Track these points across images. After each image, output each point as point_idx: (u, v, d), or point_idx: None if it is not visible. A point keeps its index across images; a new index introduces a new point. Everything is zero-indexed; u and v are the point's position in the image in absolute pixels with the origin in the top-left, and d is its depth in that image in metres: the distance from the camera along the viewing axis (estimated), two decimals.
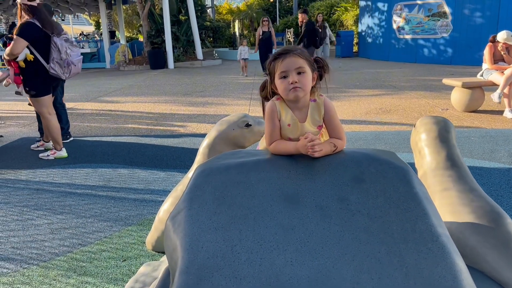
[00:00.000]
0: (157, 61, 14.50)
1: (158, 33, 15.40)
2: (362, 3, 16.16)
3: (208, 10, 22.93)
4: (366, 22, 15.69)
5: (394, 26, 13.68)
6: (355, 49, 17.22)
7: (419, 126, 2.02)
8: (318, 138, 1.35)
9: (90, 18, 26.39)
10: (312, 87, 1.42)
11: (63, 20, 20.32)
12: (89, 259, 2.21)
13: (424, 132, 1.96)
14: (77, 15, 20.90)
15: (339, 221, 1.10)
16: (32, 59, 3.75)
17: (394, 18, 13.64)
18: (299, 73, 1.36)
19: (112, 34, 18.28)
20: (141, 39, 18.78)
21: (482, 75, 5.57)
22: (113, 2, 17.26)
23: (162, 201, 2.82)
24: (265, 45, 10.09)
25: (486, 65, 5.53)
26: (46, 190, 3.27)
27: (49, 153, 4.11)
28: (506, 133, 4.46)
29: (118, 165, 3.84)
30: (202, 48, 16.93)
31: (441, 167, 1.79)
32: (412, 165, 1.70)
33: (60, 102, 4.67)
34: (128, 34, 23.93)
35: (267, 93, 1.52)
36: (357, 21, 17.25)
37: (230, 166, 1.30)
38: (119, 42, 17.71)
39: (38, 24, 3.71)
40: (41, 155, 4.13)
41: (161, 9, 15.22)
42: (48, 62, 3.81)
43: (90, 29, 30.15)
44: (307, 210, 1.13)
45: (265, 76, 1.51)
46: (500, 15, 10.91)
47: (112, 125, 5.67)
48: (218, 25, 24.70)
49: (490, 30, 10.12)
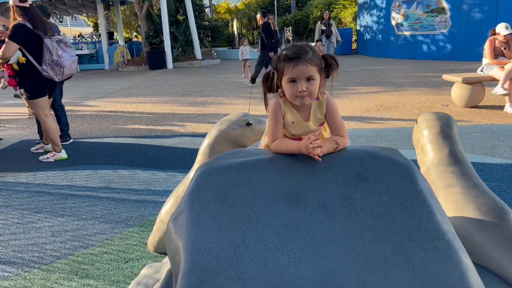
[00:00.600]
0: (156, 61, 14.49)
1: (156, 33, 15.39)
2: (361, 0, 16.14)
3: (206, 10, 22.90)
4: (365, 19, 15.67)
5: (393, 23, 13.65)
6: (354, 46, 17.20)
7: (421, 122, 2.01)
8: (319, 137, 1.33)
9: (88, 20, 26.34)
10: None
11: (61, 21, 20.28)
12: (90, 262, 2.20)
13: (426, 128, 1.94)
14: (75, 17, 20.89)
15: (343, 220, 1.09)
16: (24, 62, 3.72)
17: (393, 14, 13.62)
18: (309, 79, 1.34)
19: (110, 35, 18.27)
20: (135, 39, 18.74)
21: (482, 70, 5.54)
22: (111, 3, 17.24)
23: (163, 202, 2.81)
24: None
25: (486, 60, 5.50)
26: (46, 192, 3.26)
27: (49, 155, 4.09)
28: (508, 128, 4.44)
29: (119, 166, 3.83)
30: (201, 48, 16.92)
31: (444, 164, 1.77)
32: (414, 161, 1.69)
33: (59, 104, 4.66)
34: (126, 35, 23.91)
35: (272, 86, 1.47)
36: (355, 18, 17.22)
37: (232, 166, 1.29)
38: (118, 43, 17.69)
39: (30, 26, 3.68)
40: (41, 158, 4.11)
41: (159, 9, 15.20)
42: (40, 64, 3.80)
43: (88, 30, 30.15)
44: (311, 209, 1.12)
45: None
46: (499, 10, 10.89)
47: (112, 126, 5.66)
48: (217, 24, 24.67)
49: (489, 25, 10.08)
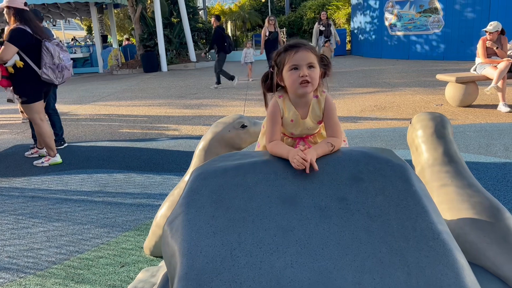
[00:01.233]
0: (150, 64, 14.46)
1: (150, 36, 15.35)
2: (354, 1, 16.22)
3: (200, 12, 22.88)
4: (358, 20, 15.74)
5: (386, 23, 13.72)
6: (348, 47, 17.27)
7: (416, 122, 2.02)
8: (307, 156, 1.25)
9: (82, 23, 26.26)
10: None
11: (54, 25, 20.17)
12: (86, 266, 2.19)
13: (420, 128, 1.95)
14: (68, 20, 20.80)
15: (339, 221, 1.09)
16: (22, 66, 3.70)
17: (386, 15, 13.69)
18: (310, 67, 1.36)
19: (104, 39, 18.21)
20: (126, 42, 18.67)
21: (475, 70, 5.58)
22: (104, 6, 17.19)
23: (159, 205, 2.80)
24: (273, 46, 9.50)
25: (479, 59, 5.54)
26: (41, 197, 3.24)
27: (43, 160, 4.06)
28: (501, 127, 4.47)
29: (114, 170, 3.81)
30: (195, 50, 16.90)
31: (438, 163, 1.78)
32: (409, 161, 1.70)
33: (53, 108, 4.63)
34: (120, 38, 23.84)
35: (271, 85, 1.48)
36: (349, 19, 17.30)
37: (227, 169, 1.28)
38: (112, 46, 17.63)
39: (29, 30, 3.67)
40: (35, 163, 4.09)
41: (152, 12, 15.18)
42: (39, 68, 3.77)
43: (82, 34, 30.01)
44: (306, 211, 1.12)
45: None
46: (491, 9, 10.98)
47: (106, 129, 5.63)
48: (211, 26, 24.63)
49: (481, 25, 10.12)
